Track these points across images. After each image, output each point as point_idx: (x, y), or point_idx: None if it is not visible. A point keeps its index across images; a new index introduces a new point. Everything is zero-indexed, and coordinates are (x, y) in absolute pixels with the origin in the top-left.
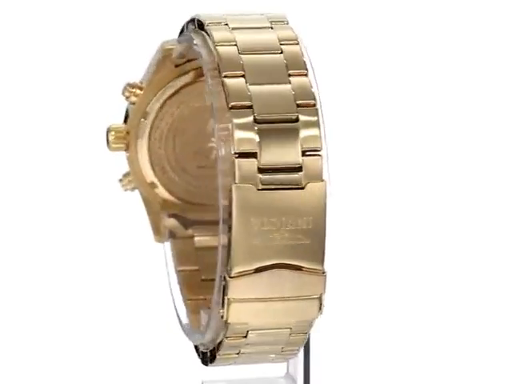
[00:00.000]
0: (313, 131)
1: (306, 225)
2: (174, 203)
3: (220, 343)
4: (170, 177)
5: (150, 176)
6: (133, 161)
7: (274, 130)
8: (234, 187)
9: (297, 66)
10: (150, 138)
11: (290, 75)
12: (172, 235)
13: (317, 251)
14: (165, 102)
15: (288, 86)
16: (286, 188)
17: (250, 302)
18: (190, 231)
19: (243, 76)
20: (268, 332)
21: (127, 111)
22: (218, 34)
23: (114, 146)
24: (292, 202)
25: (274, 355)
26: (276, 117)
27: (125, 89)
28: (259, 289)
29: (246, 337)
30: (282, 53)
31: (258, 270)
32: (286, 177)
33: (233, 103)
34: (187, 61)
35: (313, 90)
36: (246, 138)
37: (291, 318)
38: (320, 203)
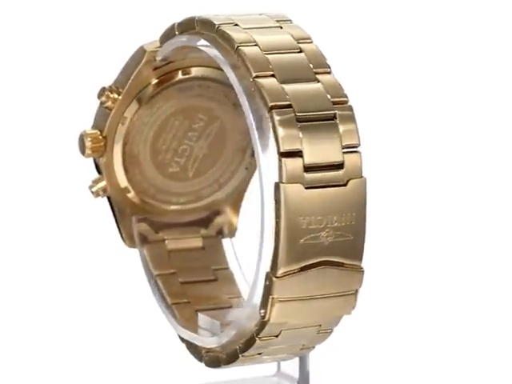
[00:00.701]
0: (351, 127)
1: (350, 221)
2: (144, 207)
3: (250, 344)
4: (142, 181)
5: (123, 181)
6: (108, 166)
7: (315, 127)
8: (282, 187)
9: (320, 64)
10: (126, 143)
11: (316, 73)
12: (144, 240)
13: (357, 247)
14: (142, 105)
15: (319, 84)
16: (330, 186)
17: (293, 301)
18: (160, 235)
19: (273, 76)
20: (299, 330)
21: (97, 116)
22: (236, 34)
23: (90, 152)
24: (336, 200)
25: (288, 354)
26: (315, 115)
27: (102, 94)
28: (303, 287)
29: (277, 336)
30: (301, 51)
31: (303, 269)
32: (330, 174)
33: (273, 103)
34: (167, 63)
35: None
36: (291, 137)
37: (328, 315)
38: (361, 199)
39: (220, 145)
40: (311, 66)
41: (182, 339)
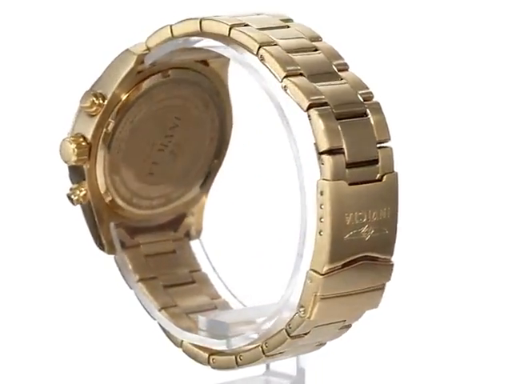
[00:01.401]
0: (382, 123)
1: (386, 215)
2: (120, 212)
3: (278, 343)
4: (121, 185)
5: (103, 186)
6: (91, 172)
7: (351, 124)
8: (328, 184)
9: (339, 61)
10: (109, 147)
11: (338, 71)
12: (123, 245)
13: (390, 241)
14: (126, 109)
15: (344, 81)
16: (368, 181)
17: (333, 298)
18: (136, 239)
19: (301, 74)
20: (327, 327)
21: (78, 121)
22: (254, 34)
23: (76, 159)
24: (374, 195)
25: (303, 351)
26: (350, 111)
27: (87, 99)
28: (343, 284)
29: (306, 334)
30: (317, 50)
31: (344, 266)
32: (368, 170)
33: (311, 101)
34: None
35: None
36: (334, 134)
37: (356, 310)
38: (394, 194)
39: (189, 147)
40: (332, 63)
41: (177, 344)
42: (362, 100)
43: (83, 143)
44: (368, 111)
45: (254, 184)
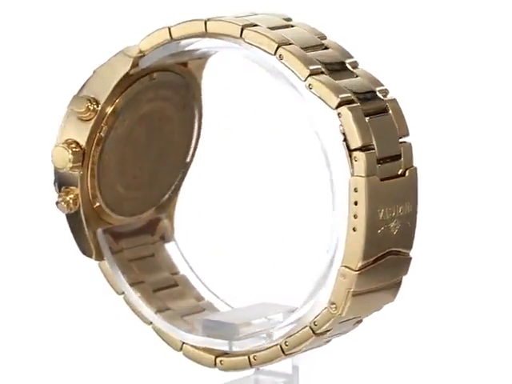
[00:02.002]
0: (402, 118)
1: (409, 210)
2: (106, 218)
3: (302, 341)
4: (108, 191)
5: (93, 192)
6: (83, 179)
7: (378, 121)
8: (363, 181)
9: (349, 58)
10: (101, 152)
11: (352, 68)
12: (111, 251)
13: (412, 236)
14: (117, 113)
15: (361, 78)
16: (395, 176)
17: (363, 294)
18: (120, 244)
19: (323, 72)
20: (346, 322)
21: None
22: (270, 34)
23: (72, 165)
24: (400, 190)
25: (314, 347)
26: (374, 107)
27: (81, 104)
28: (373, 279)
29: (328, 331)
30: (327, 48)
31: (375, 261)
32: (393, 165)
33: (340, 99)
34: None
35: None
36: (365, 131)
37: (375, 305)
38: (415, 188)
39: (167, 149)
40: (345, 61)
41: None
42: (382, 96)
43: (76, 149)
44: (388, 107)
45: (229, 183)
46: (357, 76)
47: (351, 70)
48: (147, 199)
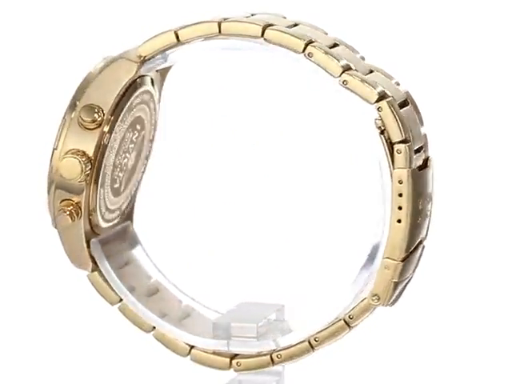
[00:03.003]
0: (417, 109)
1: (430, 198)
2: (94, 228)
3: (335, 335)
4: (102, 200)
5: (93, 202)
6: (88, 189)
7: (406, 113)
8: (407, 172)
9: (357, 53)
10: (101, 160)
11: None
12: (107, 259)
13: (428, 225)
14: (115, 120)
15: (378, 73)
16: (424, 166)
17: (399, 284)
18: (106, 253)
19: (350, 68)
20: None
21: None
22: (294, 33)
23: (83, 176)
24: (429, 180)
25: None
26: (401, 101)
27: (88, 114)
28: (408, 268)
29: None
30: (338, 45)
31: (412, 251)
32: (420, 156)
33: (378, 95)
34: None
35: None
36: (404, 124)
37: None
38: (433, 177)
39: (138, 154)
40: (357, 56)
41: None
42: (400, 89)
43: (83, 158)
44: (407, 99)
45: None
46: (372, 71)
47: (367, 65)
48: (118, 208)
